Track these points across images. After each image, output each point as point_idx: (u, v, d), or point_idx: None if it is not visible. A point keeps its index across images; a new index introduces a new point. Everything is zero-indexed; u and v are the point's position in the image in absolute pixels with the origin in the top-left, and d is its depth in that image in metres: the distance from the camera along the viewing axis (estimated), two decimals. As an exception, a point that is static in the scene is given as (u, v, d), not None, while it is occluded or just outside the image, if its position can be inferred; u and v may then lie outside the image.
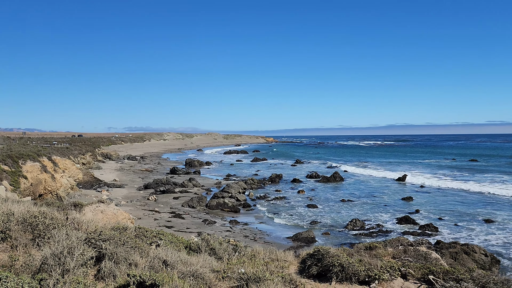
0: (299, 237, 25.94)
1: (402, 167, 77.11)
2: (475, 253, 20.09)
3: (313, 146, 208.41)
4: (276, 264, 8.12)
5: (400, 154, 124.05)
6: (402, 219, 30.94)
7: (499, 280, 6.10)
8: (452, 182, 53.74)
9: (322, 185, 52.47)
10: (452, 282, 6.05)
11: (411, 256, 7.95)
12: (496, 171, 67.61)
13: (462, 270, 6.39)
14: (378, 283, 6.74)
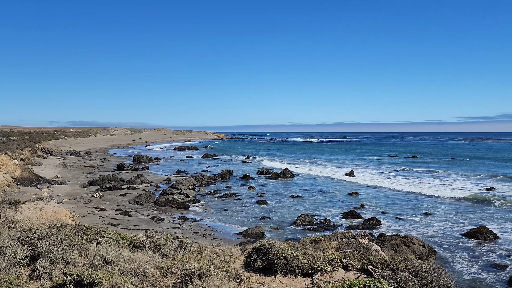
0: (249, 233, 26.06)
1: (349, 163, 79.64)
2: (414, 244, 21.13)
3: (264, 142, 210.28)
4: (222, 259, 8.08)
5: (347, 151, 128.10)
6: (348, 214, 31.94)
7: (430, 268, 6.46)
8: (395, 177, 56.31)
9: (272, 181, 53.04)
10: (389, 271, 6.32)
11: (353, 248, 8.21)
12: (435, 167, 71.54)
13: (398, 260, 6.72)
14: (320, 275, 6.89)
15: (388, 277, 5.95)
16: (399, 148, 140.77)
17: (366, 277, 6.20)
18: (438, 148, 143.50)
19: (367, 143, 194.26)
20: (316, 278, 6.78)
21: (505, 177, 54.99)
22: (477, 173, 61.18)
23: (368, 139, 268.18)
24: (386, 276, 6.01)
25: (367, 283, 5.08)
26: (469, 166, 73.08)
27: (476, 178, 55.08)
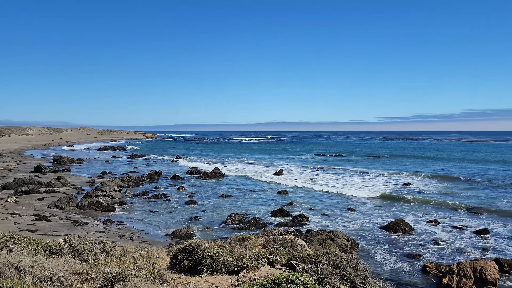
0: (178, 234, 25.59)
1: (278, 162, 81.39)
2: (338, 238, 22.08)
3: (194, 142, 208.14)
4: (147, 261, 7.81)
5: (277, 150, 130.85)
6: (277, 212, 32.57)
7: (349, 260, 6.79)
8: (322, 175, 58.54)
9: (202, 181, 52.62)
10: (311, 264, 6.53)
11: (279, 244, 8.37)
12: (359, 164, 75.50)
13: (320, 253, 6.98)
14: (246, 272, 6.93)
15: (310, 270, 6.14)
16: (326, 147, 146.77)
17: (290, 271, 6.35)
18: (361, 146, 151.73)
19: (295, 142, 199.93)
20: (242, 275, 6.81)
21: (419, 174, 59.50)
22: (395, 169, 65.57)
23: (297, 139, 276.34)
24: (308, 269, 6.20)
25: (289, 277, 5.19)
26: (388, 164, 78.05)
27: (394, 174, 58.96)
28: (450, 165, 74.01)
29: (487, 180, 52.24)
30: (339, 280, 6.08)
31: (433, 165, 74.20)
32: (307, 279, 5.21)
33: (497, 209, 33.98)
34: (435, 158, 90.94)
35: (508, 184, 48.46)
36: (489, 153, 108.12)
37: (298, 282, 5.03)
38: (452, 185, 47.34)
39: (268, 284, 5.15)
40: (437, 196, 40.64)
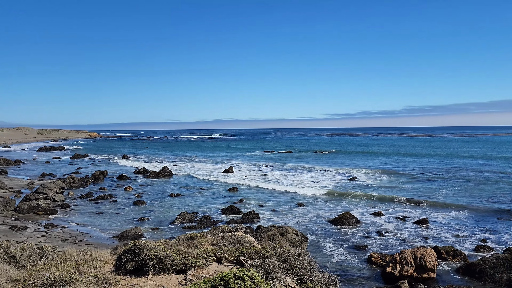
0: (126, 236, 24.84)
1: (228, 159, 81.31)
2: (288, 233, 22.41)
3: (141, 140, 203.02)
4: (90, 265, 7.47)
5: (226, 147, 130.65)
6: (228, 209, 32.52)
7: (296, 253, 6.90)
8: (272, 171, 59.16)
9: (150, 181, 51.45)
10: (259, 260, 6.56)
11: (228, 241, 8.32)
12: (307, 160, 77.10)
13: (268, 248, 7.02)
14: (194, 270, 6.82)
15: (258, 265, 6.15)
16: (275, 144, 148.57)
17: (238, 268, 6.32)
18: (309, 143, 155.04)
19: (245, 140, 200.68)
20: (189, 274, 6.69)
21: (365, 168, 61.75)
22: (342, 165, 67.66)
23: (246, 136, 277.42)
24: (256, 264, 6.21)
25: (237, 273, 5.16)
26: (335, 159, 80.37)
27: (341, 169, 60.78)
28: (392, 159, 77.44)
29: (425, 173, 55.19)
30: (286, 274, 6.15)
31: (377, 160, 77.30)
32: (254, 274, 5.21)
33: (435, 200, 36.00)
34: (379, 153, 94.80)
35: (444, 176, 51.48)
36: (427, 147, 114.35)
37: (245, 277, 5.01)
38: (395, 179, 49.56)
39: (216, 281, 5.09)
40: (381, 189, 42.37)
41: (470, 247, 22.86)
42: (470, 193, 38.78)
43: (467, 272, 18.61)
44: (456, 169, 59.37)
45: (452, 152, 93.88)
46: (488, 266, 18.14)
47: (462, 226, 27.21)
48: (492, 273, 17.79)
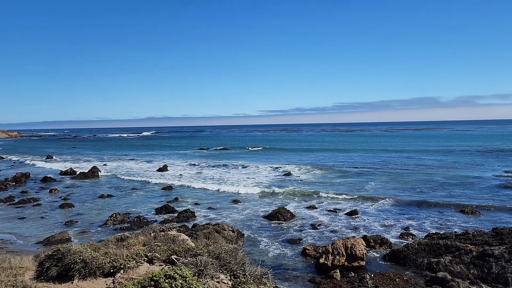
0: (52, 241, 23.35)
1: (162, 158, 79.46)
2: (224, 230, 22.35)
3: (68, 140, 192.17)
4: (8, 273, 6.86)
5: (160, 145, 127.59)
6: (162, 208, 31.76)
7: (229, 249, 6.86)
8: (207, 169, 58.72)
9: (79, 182, 48.86)
10: (191, 257, 6.42)
11: (160, 241, 8.07)
12: (243, 157, 77.51)
13: (201, 246, 6.91)
14: (123, 272, 6.51)
15: (190, 263, 6.02)
16: (210, 141, 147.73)
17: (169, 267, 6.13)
18: (244, 139, 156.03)
19: (179, 137, 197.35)
20: (118, 277, 6.37)
21: (299, 164, 63.39)
22: (277, 161, 68.89)
23: (181, 133, 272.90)
24: (188, 262, 6.07)
25: (168, 272, 4.99)
26: (270, 155, 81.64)
27: (276, 165, 61.82)
28: (325, 154, 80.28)
29: (355, 167, 57.85)
30: (219, 270, 6.08)
31: (311, 155, 79.69)
32: (186, 272, 5.07)
33: (365, 192, 37.85)
34: (312, 149, 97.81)
35: (372, 170, 54.31)
36: (356, 142, 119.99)
37: (176, 276, 4.86)
38: (327, 173, 51.38)
39: (146, 282, 4.87)
40: (314, 183, 43.71)
41: (395, 234, 24.29)
42: (395, 184, 41.24)
43: (393, 258, 19.75)
44: (383, 162, 62.87)
45: (378, 146, 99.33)
46: (411, 251, 19.38)
47: (388, 216, 28.85)
48: (415, 258, 19.04)
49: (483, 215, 28.46)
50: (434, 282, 16.45)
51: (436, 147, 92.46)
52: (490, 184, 39.91)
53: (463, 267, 17.60)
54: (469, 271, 17.37)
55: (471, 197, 34.31)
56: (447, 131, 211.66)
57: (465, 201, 32.75)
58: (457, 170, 51.04)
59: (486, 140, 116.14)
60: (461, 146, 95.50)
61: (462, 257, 18.07)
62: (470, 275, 17.17)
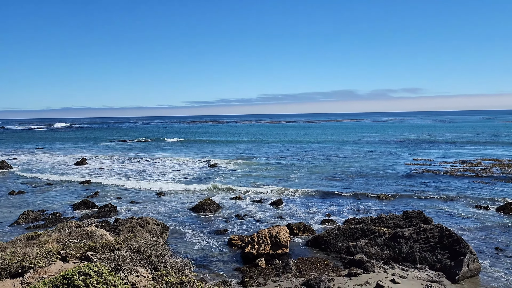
0: (-49, 243, 21.06)
1: (81, 150, 75.15)
2: (148, 224, 21.74)
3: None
4: None
5: (78, 138, 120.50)
6: (81, 204, 30.08)
7: (149, 243, 6.66)
8: (128, 161, 56.55)
9: (-16, 178, 44.57)
10: (108, 253, 6.12)
11: (76, 237, 7.59)
12: (166, 149, 75.85)
13: (120, 240, 6.61)
14: (34, 272, 6.03)
15: (107, 259, 5.73)
16: (133, 133, 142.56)
17: (84, 264, 5.78)
18: (168, 131, 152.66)
19: (99, 129, 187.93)
20: (27, 276, 5.88)
21: (224, 155, 63.55)
22: (202, 153, 68.44)
23: (101, 125, 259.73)
24: (105, 258, 5.78)
25: (82, 269, 4.68)
26: (196, 147, 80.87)
27: (201, 157, 61.36)
28: (250, 146, 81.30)
29: (280, 157, 59.37)
30: (139, 264, 5.87)
31: (237, 146, 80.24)
32: (102, 268, 4.80)
33: (289, 182, 38.98)
34: (238, 140, 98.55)
35: (295, 160, 56.11)
36: (281, 134, 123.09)
37: (91, 273, 4.58)
38: (253, 164, 52.07)
39: (58, 280, 4.52)
40: (240, 174, 44.10)
41: (318, 221, 25.34)
42: (317, 174, 42.96)
43: (315, 244, 20.59)
44: (306, 152, 65.19)
45: (302, 137, 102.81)
46: (331, 237, 20.35)
47: (311, 204, 30.00)
48: (335, 243, 20.02)
49: (395, 200, 30.70)
50: (352, 264, 17.43)
51: (354, 138, 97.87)
52: (401, 172, 43.12)
53: (378, 249, 18.85)
54: (383, 252, 18.65)
55: (385, 183, 36.83)
56: (364, 122, 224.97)
57: (380, 187, 35.08)
58: (372, 159, 54.48)
59: (398, 131, 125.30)
60: (376, 136, 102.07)
61: (376, 240, 19.33)
62: (384, 255, 18.45)
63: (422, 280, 15.93)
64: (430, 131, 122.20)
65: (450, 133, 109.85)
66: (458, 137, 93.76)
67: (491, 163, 47.53)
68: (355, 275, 16.14)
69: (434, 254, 17.62)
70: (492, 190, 33.15)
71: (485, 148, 67.77)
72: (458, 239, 17.62)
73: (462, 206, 28.31)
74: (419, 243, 18.33)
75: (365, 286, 15.05)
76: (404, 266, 17.48)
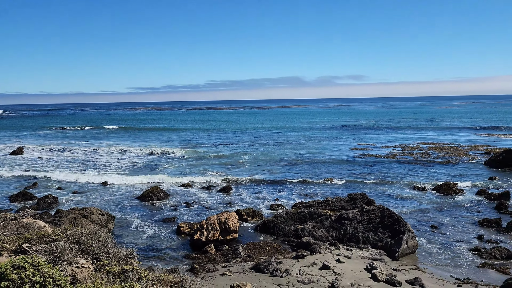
0: None
1: (17, 139, 70.77)
2: (92, 214, 20.98)
3: None
4: None
5: (12, 126, 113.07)
6: (18, 195, 28.44)
7: (90, 233, 6.43)
8: (71, 150, 53.99)
9: None
10: (45, 244, 5.82)
11: (11, 230, 7.14)
12: (111, 137, 73.35)
13: (58, 231, 6.31)
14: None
15: (44, 250, 5.44)
16: (74, 120, 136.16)
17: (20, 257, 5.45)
18: (112, 118, 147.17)
19: (37, 116, 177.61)
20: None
21: (173, 143, 62.51)
22: (149, 141, 66.86)
23: (39, 112, 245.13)
24: (41, 250, 5.48)
25: (16, 262, 4.41)
26: (142, 135, 78.79)
27: (148, 145, 59.91)
28: (199, 133, 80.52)
29: (230, 144, 59.39)
30: (79, 255, 5.62)
31: (184, 134, 79.16)
32: (38, 260, 4.54)
33: (239, 168, 39.13)
34: (186, 128, 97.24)
35: (244, 146, 56.41)
36: (229, 121, 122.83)
37: (26, 265, 4.32)
38: (201, 151, 51.61)
39: (-11, 276, 4.22)
40: (189, 162, 43.62)
41: (267, 206, 25.67)
42: (267, 160, 43.42)
43: (264, 229, 20.87)
44: (255, 138, 65.63)
45: (250, 124, 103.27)
46: (280, 221, 20.72)
47: (260, 190, 30.31)
48: (283, 227, 20.41)
49: (341, 183, 31.76)
50: (300, 246, 17.87)
51: (301, 124, 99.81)
52: (346, 156, 44.62)
53: (324, 231, 19.46)
54: (329, 234, 19.28)
55: (331, 168, 37.98)
56: (311, 108, 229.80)
57: (327, 172, 36.12)
58: (319, 144, 55.91)
59: (343, 117, 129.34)
60: (322, 122, 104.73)
61: (323, 222, 19.94)
62: (330, 237, 19.08)
63: (365, 259, 16.67)
64: (373, 116, 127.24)
65: (391, 118, 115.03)
66: (398, 122, 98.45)
67: (428, 147, 50.40)
68: (303, 257, 16.58)
69: (376, 234, 18.47)
70: (428, 172, 35.20)
71: (423, 132, 71.74)
72: (398, 218, 18.57)
73: (401, 188, 29.85)
74: (362, 224, 19.13)
75: (312, 267, 15.51)
76: (349, 246, 18.19)
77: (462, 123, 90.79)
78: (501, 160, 36.56)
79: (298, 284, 13.68)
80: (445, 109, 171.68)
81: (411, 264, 16.48)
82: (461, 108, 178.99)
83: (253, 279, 14.46)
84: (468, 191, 28.37)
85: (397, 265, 16.29)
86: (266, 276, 14.81)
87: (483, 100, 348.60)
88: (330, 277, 14.45)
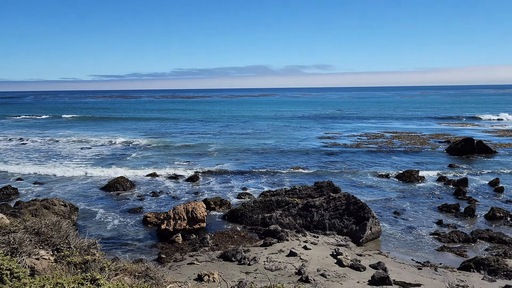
0: None
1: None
2: (54, 205, 20.37)
3: None
4: None
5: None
6: (-26, 187, 27.20)
7: (50, 223, 6.24)
8: (31, 140, 52.04)
9: None
10: (2, 236, 5.61)
11: (-34, 222, 6.82)
12: (73, 127, 71.18)
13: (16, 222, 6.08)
14: None
15: (1, 242, 5.22)
16: (35, 109, 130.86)
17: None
18: (74, 107, 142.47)
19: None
20: None
21: (139, 132, 61.40)
22: (114, 130, 65.35)
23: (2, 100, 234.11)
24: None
25: (-31, 257, 4.20)
26: (104, 125, 76.80)
27: (112, 135, 58.52)
28: (165, 122, 79.35)
29: (196, 134, 58.93)
30: (39, 246, 5.44)
31: (151, 123, 77.80)
32: (-6, 252, 4.35)
33: (206, 157, 38.93)
34: (152, 117, 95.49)
35: (211, 135, 56.18)
36: (196, 110, 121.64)
37: (-19, 259, 4.13)
38: (168, 141, 50.92)
39: None
40: (156, 151, 42.97)
41: (234, 195, 25.70)
42: (234, 149, 43.37)
43: (232, 217, 20.91)
44: (223, 127, 65.37)
45: (218, 113, 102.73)
46: (247, 210, 20.81)
47: (228, 179, 30.29)
48: (251, 215, 20.51)
49: (308, 172, 32.17)
50: (267, 234, 18.04)
51: (269, 113, 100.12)
52: (313, 145, 45.21)
53: (291, 219, 19.70)
54: (296, 222, 19.54)
55: (299, 156, 38.39)
56: (279, 97, 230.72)
57: (294, 160, 36.49)
58: (287, 133, 56.36)
59: (310, 106, 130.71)
60: (290, 111, 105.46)
61: (290, 210, 20.18)
62: (297, 224, 19.35)
63: (331, 245, 17.04)
64: (339, 106, 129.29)
65: (357, 108, 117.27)
66: (364, 111, 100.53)
67: (392, 135, 51.79)
68: (270, 244, 16.75)
69: (341, 221, 18.88)
70: (392, 160, 36.22)
71: (387, 121, 73.61)
72: (363, 205, 19.04)
73: (366, 175, 30.58)
74: (328, 211, 19.49)
75: (279, 254, 15.70)
76: (315, 233, 18.51)
77: (424, 112, 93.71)
78: (460, 148, 38.10)
79: (265, 272, 13.82)
80: (408, 99, 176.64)
81: (375, 249, 16.98)
82: (424, 98, 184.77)
83: (220, 268, 14.49)
84: (429, 178, 29.40)
85: (362, 250, 16.74)
86: (233, 264, 14.88)
87: (444, 90, 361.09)
88: (297, 264, 14.68)
